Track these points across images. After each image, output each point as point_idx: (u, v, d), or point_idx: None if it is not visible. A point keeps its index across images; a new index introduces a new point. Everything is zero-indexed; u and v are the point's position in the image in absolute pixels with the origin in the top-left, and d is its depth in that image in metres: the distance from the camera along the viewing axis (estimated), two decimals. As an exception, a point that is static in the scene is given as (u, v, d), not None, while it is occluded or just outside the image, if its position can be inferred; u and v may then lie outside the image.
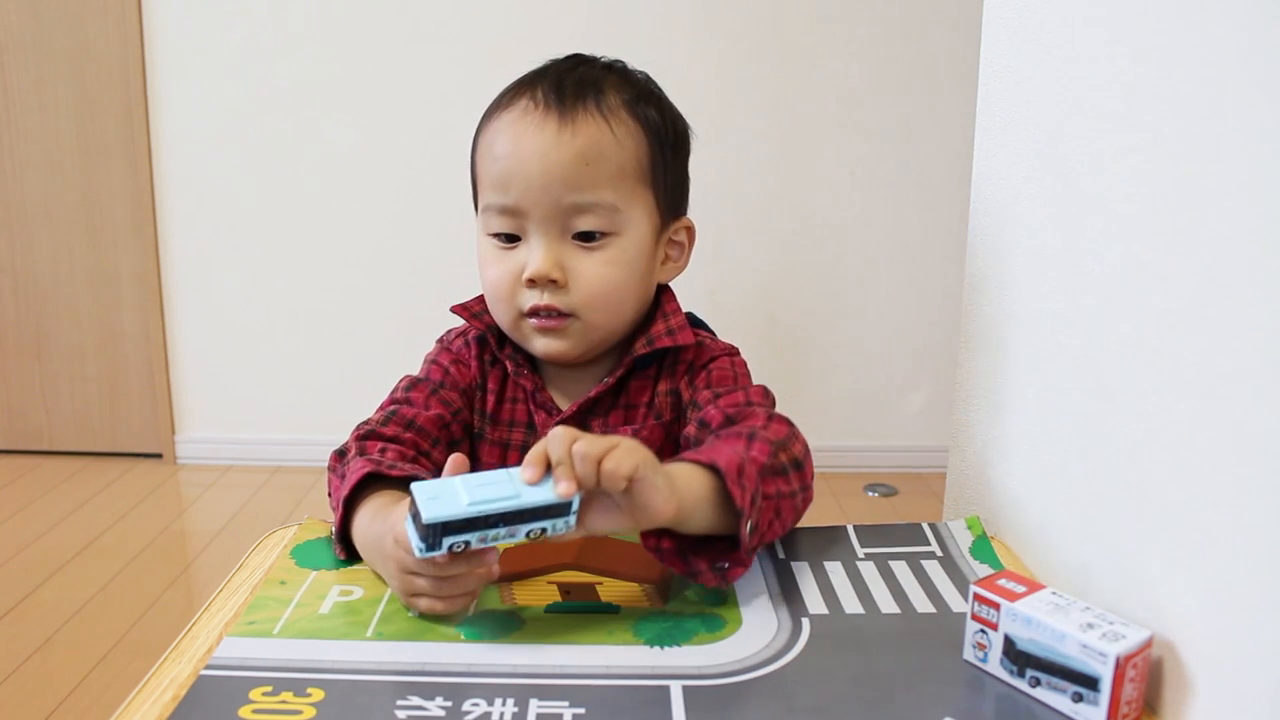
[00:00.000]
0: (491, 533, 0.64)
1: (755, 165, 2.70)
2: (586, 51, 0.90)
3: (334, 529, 0.79)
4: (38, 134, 2.76)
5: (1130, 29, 0.65)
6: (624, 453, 0.65)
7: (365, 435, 0.83)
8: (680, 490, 0.68)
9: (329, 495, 0.82)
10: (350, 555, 0.78)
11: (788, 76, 2.67)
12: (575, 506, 0.65)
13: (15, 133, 2.76)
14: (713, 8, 2.63)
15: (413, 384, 0.90)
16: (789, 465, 0.76)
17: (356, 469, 0.76)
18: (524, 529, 0.64)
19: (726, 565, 0.72)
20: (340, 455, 0.82)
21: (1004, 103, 0.86)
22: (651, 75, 0.91)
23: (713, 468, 0.70)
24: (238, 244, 2.79)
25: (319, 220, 2.77)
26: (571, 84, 0.84)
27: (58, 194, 2.79)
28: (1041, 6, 0.79)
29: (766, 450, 0.75)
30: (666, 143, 0.87)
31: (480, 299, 0.91)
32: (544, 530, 0.65)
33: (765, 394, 0.87)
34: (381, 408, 0.88)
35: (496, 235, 0.85)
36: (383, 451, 0.80)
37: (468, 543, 0.64)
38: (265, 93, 2.69)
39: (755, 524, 0.71)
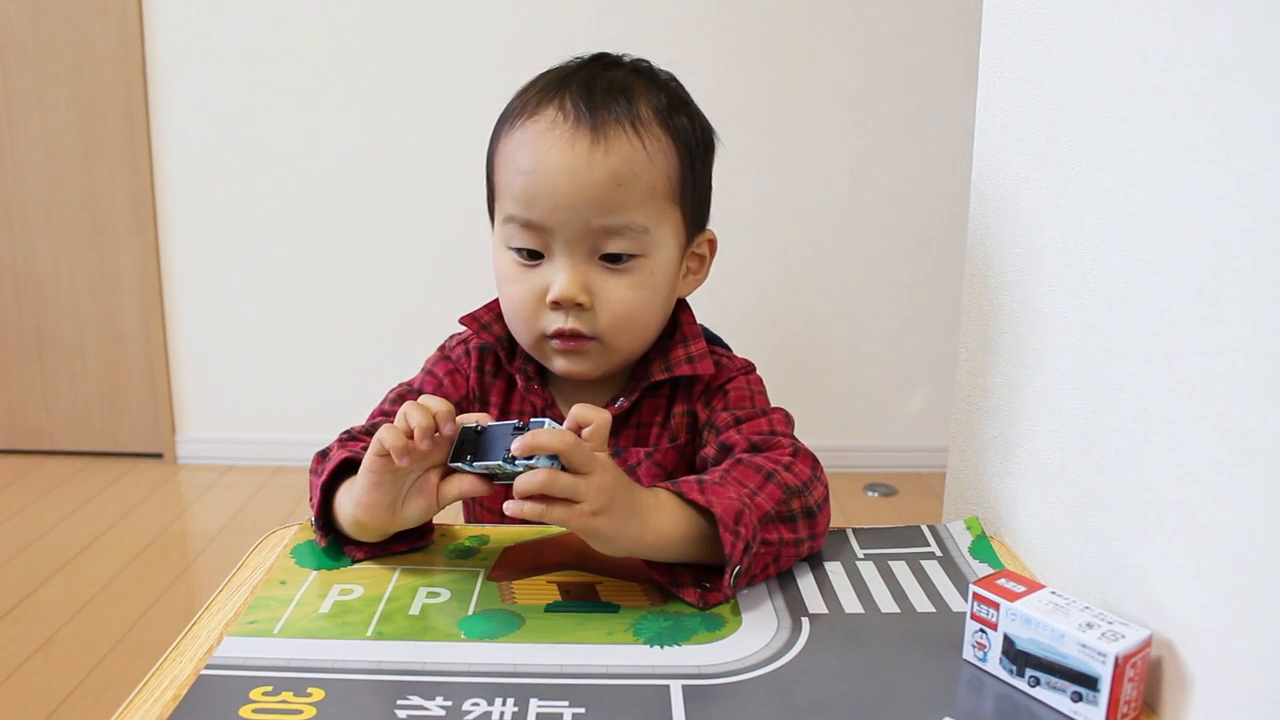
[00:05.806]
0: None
1: (755, 165, 2.70)
2: (586, 51, 0.87)
3: (313, 516, 0.79)
4: (38, 134, 2.76)
5: (1130, 29, 0.65)
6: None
7: (348, 439, 0.83)
8: (652, 526, 0.70)
9: (310, 499, 0.81)
10: (330, 540, 0.79)
11: (788, 77, 2.67)
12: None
13: (15, 133, 2.76)
14: (713, 8, 2.63)
15: (400, 395, 0.89)
16: (799, 513, 0.76)
17: (335, 458, 0.77)
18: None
19: (709, 586, 0.72)
20: (322, 456, 0.82)
21: (1004, 103, 0.86)
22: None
23: (708, 512, 0.70)
24: (238, 244, 2.79)
25: (319, 220, 2.77)
26: (601, 92, 0.80)
27: (58, 194, 2.79)
28: (1041, 6, 0.79)
29: (776, 497, 0.75)
30: (696, 155, 0.84)
31: (489, 308, 0.89)
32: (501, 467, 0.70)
33: (787, 420, 0.86)
34: (370, 417, 0.88)
35: (518, 250, 0.82)
36: (364, 447, 0.80)
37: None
38: (266, 92, 2.69)
39: (745, 569, 0.72)
